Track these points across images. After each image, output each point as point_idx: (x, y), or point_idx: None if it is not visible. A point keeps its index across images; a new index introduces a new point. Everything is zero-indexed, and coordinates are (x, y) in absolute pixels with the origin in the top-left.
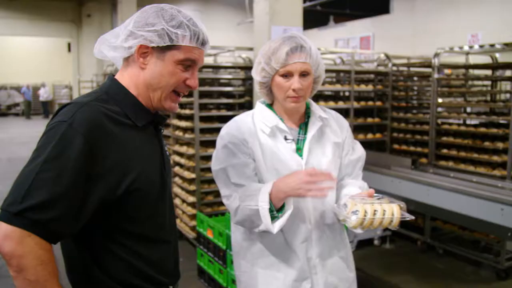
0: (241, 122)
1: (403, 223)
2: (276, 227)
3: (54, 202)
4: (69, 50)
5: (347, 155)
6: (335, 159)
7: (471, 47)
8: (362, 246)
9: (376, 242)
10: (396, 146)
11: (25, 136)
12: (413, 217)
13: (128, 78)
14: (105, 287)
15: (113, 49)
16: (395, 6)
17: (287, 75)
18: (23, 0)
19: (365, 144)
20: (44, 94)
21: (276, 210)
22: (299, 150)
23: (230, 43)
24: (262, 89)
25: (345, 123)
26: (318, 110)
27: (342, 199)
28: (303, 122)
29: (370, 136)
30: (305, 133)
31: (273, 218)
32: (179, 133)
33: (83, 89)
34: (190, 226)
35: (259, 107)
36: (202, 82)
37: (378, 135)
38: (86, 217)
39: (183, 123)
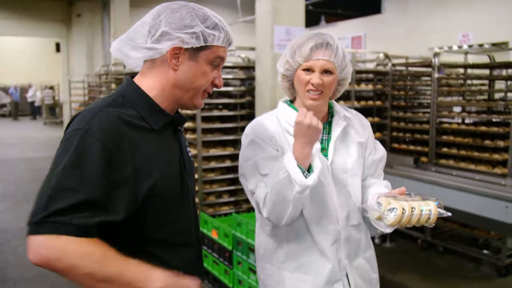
0: (266, 121)
1: None
2: (311, 180)
3: (77, 206)
4: (58, 50)
5: (370, 155)
6: (359, 159)
7: (470, 46)
8: None
9: (376, 241)
10: (396, 145)
11: (13, 137)
12: (449, 214)
13: (154, 80)
14: None
15: (137, 50)
16: (387, 6)
17: (308, 70)
18: (12, 0)
19: None
20: (31, 94)
21: (307, 171)
22: (323, 150)
23: None
24: (284, 82)
25: (367, 123)
26: (342, 109)
27: (374, 198)
28: (327, 122)
29: None
30: (329, 133)
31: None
32: None
33: (74, 89)
34: None
35: (282, 106)
36: None
37: (378, 135)
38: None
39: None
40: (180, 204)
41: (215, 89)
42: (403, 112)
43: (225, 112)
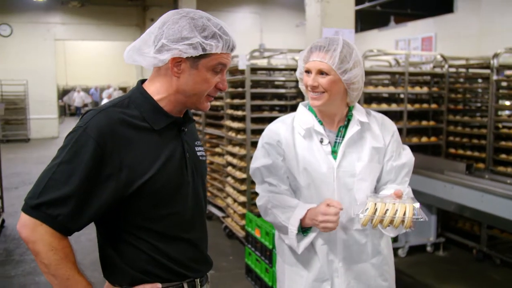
0: (281, 123)
1: (458, 230)
2: (301, 247)
3: (64, 200)
4: None
5: (390, 161)
6: (373, 164)
7: None
8: (414, 252)
9: (428, 248)
10: (452, 150)
11: None
12: (426, 218)
13: (160, 85)
14: (128, 276)
15: (144, 58)
16: (459, 5)
17: (308, 72)
18: (92, 7)
19: (420, 148)
20: (105, 96)
21: (302, 229)
22: (334, 153)
23: (289, 45)
24: (302, 86)
25: (391, 128)
26: (359, 114)
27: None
28: (343, 125)
29: (424, 139)
30: (343, 136)
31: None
32: (232, 134)
33: None
34: (240, 225)
35: (300, 109)
36: (255, 84)
37: (433, 139)
38: (95, 214)
39: (236, 124)
40: (176, 200)
41: (266, 90)
42: (460, 116)
43: (275, 114)
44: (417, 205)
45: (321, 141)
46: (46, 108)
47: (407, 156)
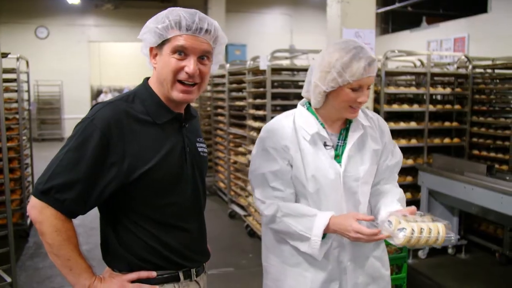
0: (282, 125)
1: (481, 233)
2: (321, 254)
3: (70, 185)
4: None
5: (385, 161)
6: (373, 167)
7: None
8: (435, 254)
9: (450, 250)
10: (475, 152)
11: None
12: (458, 237)
13: (153, 80)
14: (126, 262)
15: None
16: (493, 5)
17: (356, 89)
18: (125, 9)
19: (442, 149)
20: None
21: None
22: (337, 157)
23: (319, 46)
24: (320, 96)
25: (386, 128)
26: (361, 116)
27: (382, 214)
28: (344, 128)
29: (447, 140)
30: (345, 139)
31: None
32: (253, 133)
33: None
34: (260, 223)
35: (300, 110)
36: (279, 84)
37: (456, 140)
38: (99, 198)
39: (257, 124)
40: (175, 191)
41: (288, 90)
42: (484, 117)
43: None
44: (448, 224)
45: (325, 145)
46: (80, 108)
47: (399, 154)
